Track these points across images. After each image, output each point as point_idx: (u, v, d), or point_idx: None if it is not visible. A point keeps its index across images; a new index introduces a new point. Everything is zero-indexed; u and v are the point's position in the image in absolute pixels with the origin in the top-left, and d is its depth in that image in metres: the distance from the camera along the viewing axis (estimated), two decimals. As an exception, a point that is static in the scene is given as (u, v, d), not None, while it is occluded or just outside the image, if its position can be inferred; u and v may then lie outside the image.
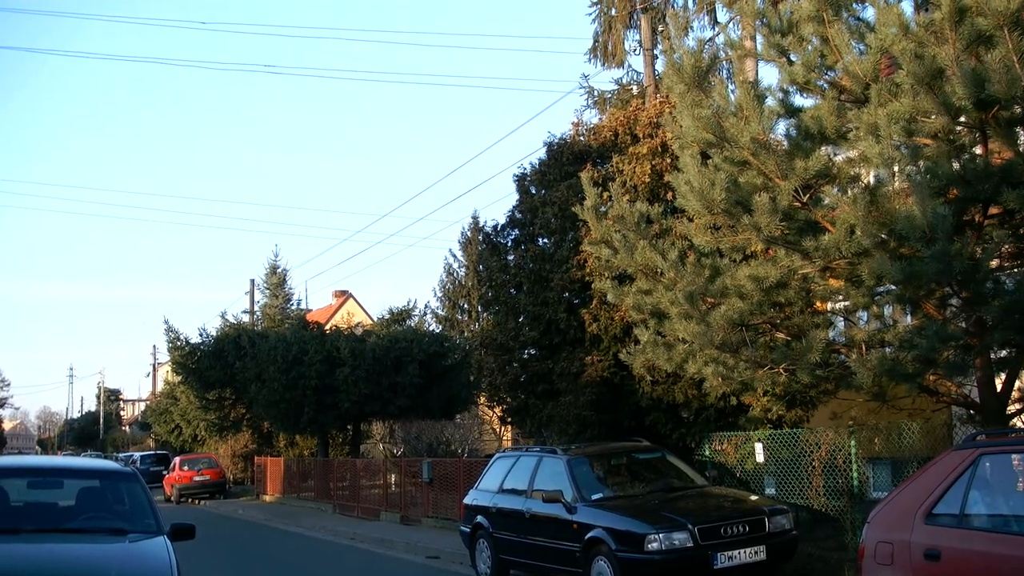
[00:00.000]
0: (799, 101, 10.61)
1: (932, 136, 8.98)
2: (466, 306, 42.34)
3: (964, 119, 8.87)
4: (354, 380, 28.39)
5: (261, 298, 48.92)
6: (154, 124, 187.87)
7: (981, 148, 9.12)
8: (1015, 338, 9.12)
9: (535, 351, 18.15)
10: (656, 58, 23.77)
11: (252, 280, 46.86)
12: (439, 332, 35.16)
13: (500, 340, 18.38)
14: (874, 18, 9.59)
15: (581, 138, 18.90)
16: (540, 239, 18.26)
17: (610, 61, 31.41)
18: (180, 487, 38.42)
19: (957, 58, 8.14)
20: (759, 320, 10.56)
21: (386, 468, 26.75)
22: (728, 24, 24.46)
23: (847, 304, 10.90)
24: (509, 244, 19.27)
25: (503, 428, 34.72)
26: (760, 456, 14.34)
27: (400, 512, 23.84)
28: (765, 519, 11.19)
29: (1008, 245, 9.26)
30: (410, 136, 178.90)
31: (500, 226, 19.51)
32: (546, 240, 18.06)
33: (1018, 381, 10.32)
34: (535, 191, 18.68)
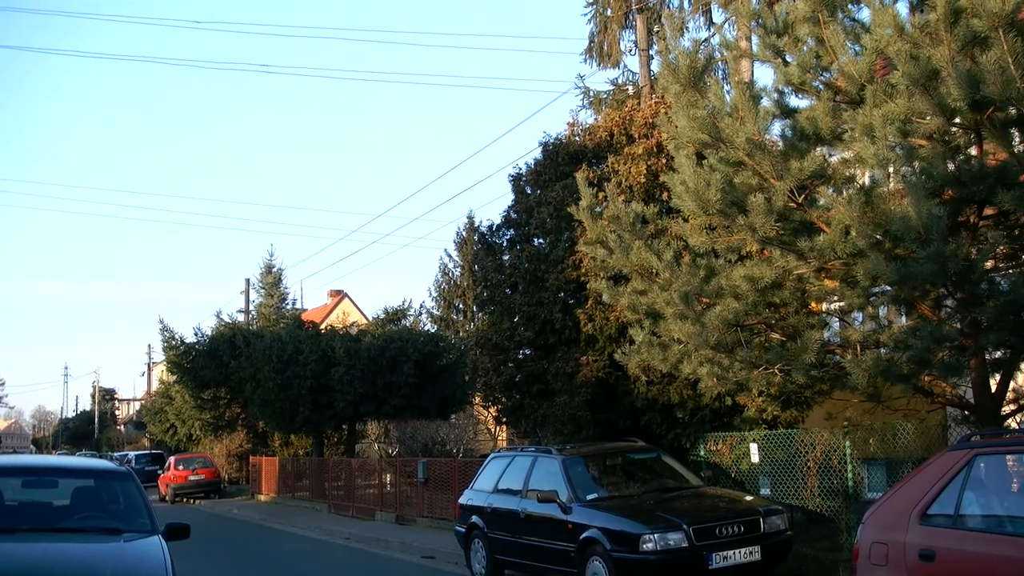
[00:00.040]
0: (794, 102, 10.62)
1: (927, 137, 8.98)
2: (461, 306, 42.34)
3: (959, 120, 8.87)
4: (349, 380, 28.39)
5: (256, 298, 48.91)
6: (149, 123, 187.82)
7: (976, 149, 9.12)
8: (1010, 339, 9.13)
9: (530, 351, 18.17)
10: (652, 58, 23.78)
11: (247, 279, 46.87)
12: (434, 332, 35.16)
13: (495, 340, 18.39)
14: (869, 19, 9.58)
15: (577, 138, 18.92)
16: (535, 239, 18.28)
17: (606, 61, 31.46)
18: (175, 486, 38.35)
19: (952, 59, 8.15)
20: (754, 320, 10.56)
21: (381, 468, 26.74)
22: (724, 25, 24.55)
23: (842, 305, 10.90)
24: (504, 244, 19.29)
25: (498, 428, 34.74)
26: (755, 456, 14.36)
27: (395, 512, 23.83)
28: (760, 519, 11.20)
29: (1003, 246, 9.27)
30: (405, 136, 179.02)
31: (495, 226, 19.54)
32: (541, 240, 18.07)
33: (1013, 382, 10.33)
34: (531, 191, 18.70)
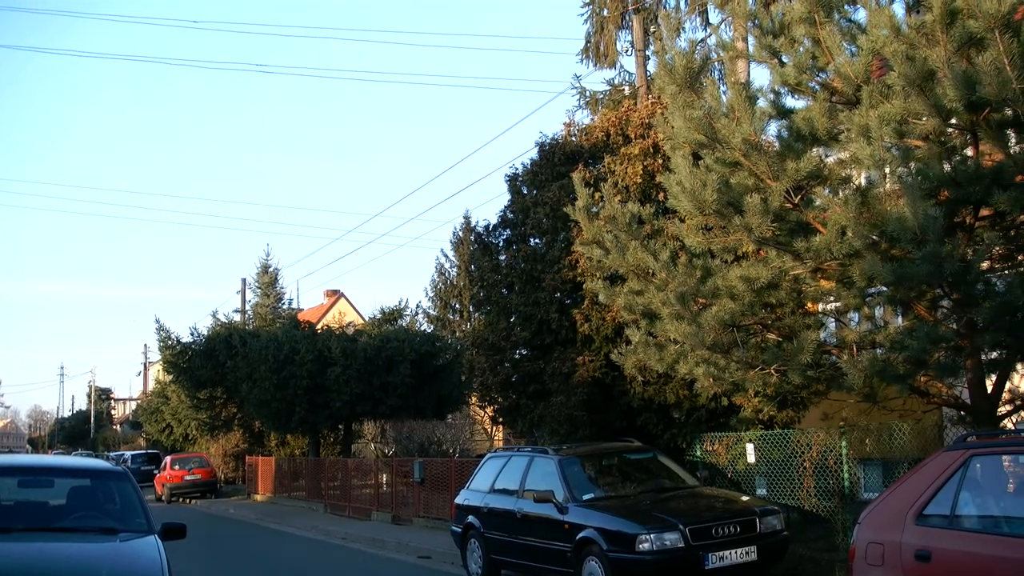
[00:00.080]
0: (791, 102, 10.63)
1: (923, 138, 8.99)
2: (458, 306, 42.38)
3: (955, 121, 8.88)
4: (345, 380, 28.39)
5: (252, 297, 48.82)
6: (146, 123, 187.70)
7: (972, 150, 9.13)
8: (1006, 340, 9.14)
9: (526, 351, 18.16)
10: (648, 59, 23.85)
11: (243, 279, 46.84)
12: (431, 332, 35.17)
13: (492, 340, 18.37)
14: (865, 20, 9.59)
15: (573, 138, 18.91)
16: (532, 239, 18.27)
17: (602, 62, 31.47)
18: (171, 486, 38.31)
19: (948, 60, 8.16)
20: (750, 321, 10.57)
21: (377, 468, 26.72)
22: (720, 25, 24.52)
23: (838, 305, 10.91)
24: (501, 244, 19.27)
25: (494, 428, 34.76)
26: (751, 457, 14.36)
27: (391, 512, 23.82)
28: (756, 520, 11.20)
29: (999, 247, 9.28)
30: (402, 136, 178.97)
31: (492, 226, 19.52)
32: (538, 240, 18.06)
33: (1009, 383, 10.35)
34: (527, 191, 18.68)
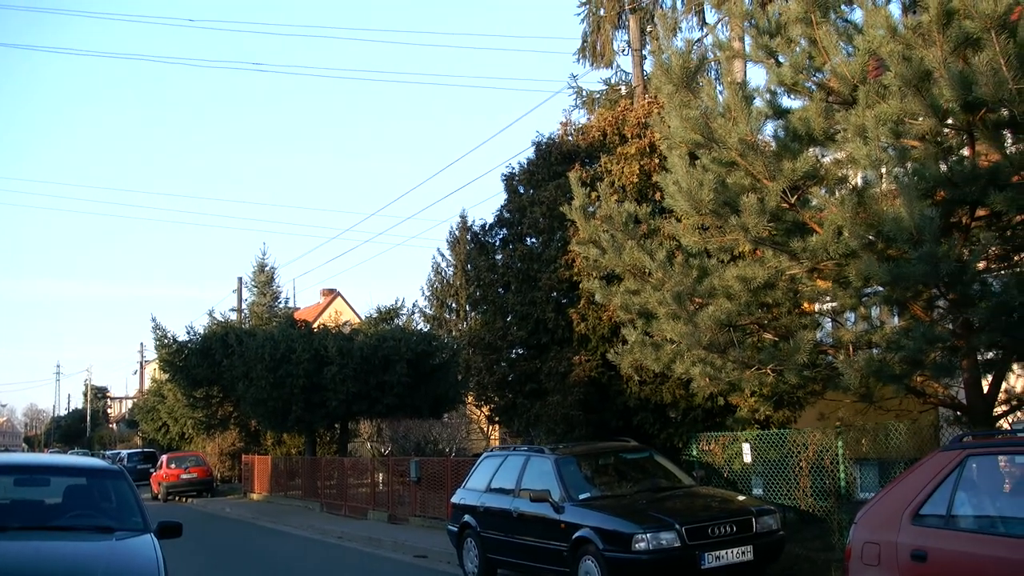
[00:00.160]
0: (787, 102, 10.65)
1: (919, 138, 9.00)
2: (454, 305, 42.35)
3: (951, 121, 8.90)
4: (342, 379, 28.37)
5: (249, 296, 48.87)
6: (142, 121, 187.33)
7: (968, 150, 9.14)
8: (1002, 340, 9.15)
9: (523, 350, 18.16)
10: (644, 58, 23.85)
11: (240, 278, 46.85)
12: (427, 331, 35.13)
13: (488, 339, 18.37)
14: (862, 20, 9.62)
15: (569, 138, 18.92)
16: (528, 239, 18.27)
17: (599, 61, 31.46)
18: (167, 485, 38.30)
19: (945, 60, 8.17)
20: (747, 321, 10.58)
21: (374, 467, 26.72)
22: (716, 25, 24.43)
23: (834, 305, 10.93)
24: (497, 243, 19.28)
25: (491, 427, 34.75)
26: (747, 456, 14.37)
27: (388, 511, 23.80)
28: (752, 519, 11.20)
29: (995, 247, 9.28)
30: (399, 134, 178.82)
31: (488, 225, 19.52)
32: (534, 240, 18.07)
33: (1005, 383, 10.37)
34: (523, 191, 18.69)
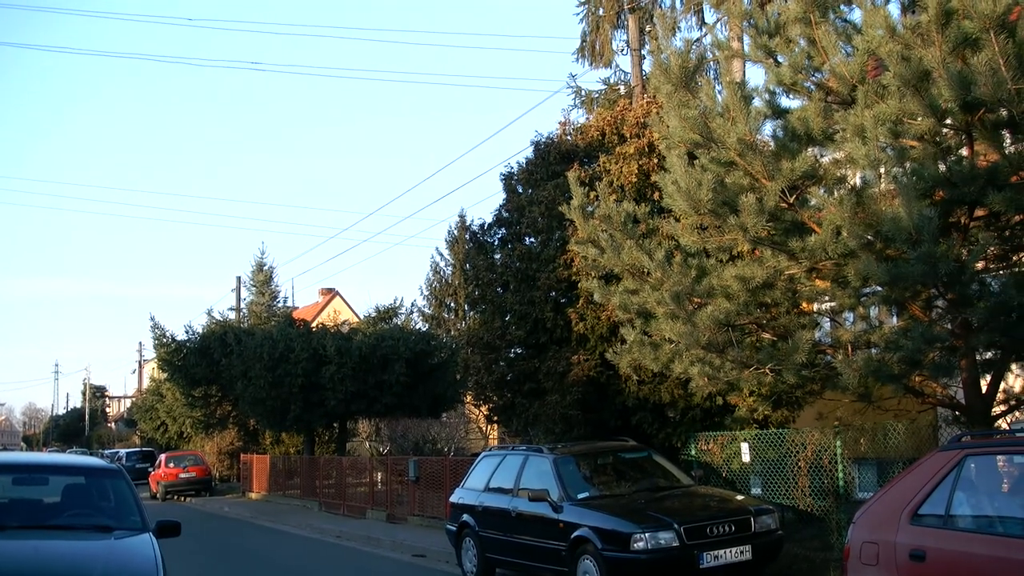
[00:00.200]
0: (786, 102, 10.65)
1: (918, 138, 9.00)
2: (453, 304, 42.37)
3: (950, 121, 8.90)
4: (340, 378, 28.38)
5: (247, 295, 48.90)
6: (140, 120, 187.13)
7: (967, 150, 9.14)
8: (1000, 340, 9.15)
9: (521, 350, 18.15)
10: (643, 58, 23.81)
11: (239, 277, 46.85)
12: (426, 330, 35.15)
13: (487, 339, 18.37)
14: (861, 20, 9.62)
15: (568, 137, 18.91)
16: (527, 238, 18.26)
17: (598, 61, 31.45)
18: (166, 484, 38.31)
19: (944, 61, 8.16)
20: (745, 320, 10.58)
21: (372, 466, 26.72)
22: (715, 25, 24.46)
23: (833, 305, 10.93)
24: (496, 243, 19.27)
25: (489, 427, 34.75)
26: (746, 456, 14.37)
27: (386, 510, 23.81)
28: (751, 519, 11.21)
29: (993, 247, 9.29)
30: (397, 134, 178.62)
31: (487, 225, 19.52)
32: (533, 239, 18.06)
33: (1003, 383, 10.37)
34: (522, 190, 18.68)
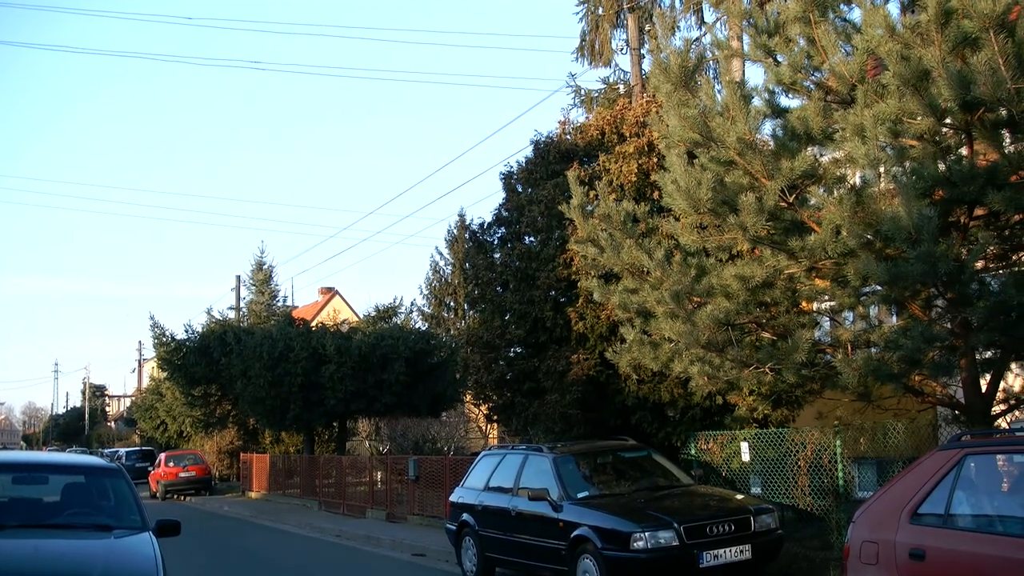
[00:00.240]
0: (785, 101, 10.64)
1: (918, 137, 9.00)
2: (452, 304, 42.39)
3: (950, 121, 8.89)
4: (340, 377, 28.38)
5: (247, 294, 48.93)
6: (140, 119, 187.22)
7: (967, 150, 9.14)
8: (1000, 339, 9.15)
9: (521, 349, 18.15)
10: (643, 57, 23.81)
11: (238, 276, 46.85)
12: (425, 330, 35.19)
13: (486, 338, 18.37)
14: (860, 19, 9.61)
15: (568, 137, 18.91)
16: (526, 237, 18.26)
17: (597, 60, 31.43)
18: (165, 483, 38.31)
19: (943, 60, 8.16)
20: (745, 320, 10.57)
21: (372, 465, 26.71)
22: (715, 24, 24.52)
23: (833, 304, 10.93)
24: (495, 242, 19.27)
25: (489, 426, 34.78)
26: (746, 455, 14.37)
27: (386, 509, 23.81)
28: (751, 518, 11.21)
29: (993, 246, 9.29)
30: (397, 133, 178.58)
31: (486, 224, 19.52)
32: (532, 238, 18.05)
33: (1003, 382, 10.37)
34: (521, 189, 18.68)
